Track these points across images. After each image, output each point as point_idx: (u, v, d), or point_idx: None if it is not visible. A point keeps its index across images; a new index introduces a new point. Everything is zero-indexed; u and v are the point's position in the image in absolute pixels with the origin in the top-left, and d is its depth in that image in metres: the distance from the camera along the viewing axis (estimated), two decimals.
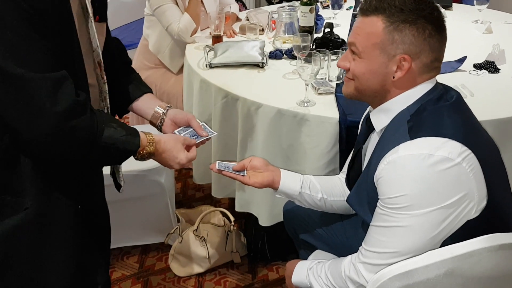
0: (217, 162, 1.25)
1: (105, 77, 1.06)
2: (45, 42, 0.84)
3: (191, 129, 1.22)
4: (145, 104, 1.23)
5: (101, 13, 1.03)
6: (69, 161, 0.96)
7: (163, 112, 1.22)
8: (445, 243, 0.95)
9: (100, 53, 1.02)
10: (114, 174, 1.23)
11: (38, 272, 0.99)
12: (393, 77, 1.01)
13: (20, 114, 0.84)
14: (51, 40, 0.85)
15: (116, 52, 1.20)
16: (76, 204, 1.03)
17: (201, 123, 1.23)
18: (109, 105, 1.10)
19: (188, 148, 1.16)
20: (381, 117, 1.06)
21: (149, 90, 1.25)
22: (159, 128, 1.24)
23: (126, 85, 1.20)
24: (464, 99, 1.55)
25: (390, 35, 0.99)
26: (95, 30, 0.99)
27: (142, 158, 1.05)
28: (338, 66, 1.12)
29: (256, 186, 1.26)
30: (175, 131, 1.22)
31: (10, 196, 0.92)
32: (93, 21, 0.97)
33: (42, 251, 0.98)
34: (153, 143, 1.05)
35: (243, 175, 1.24)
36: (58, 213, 0.99)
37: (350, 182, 1.23)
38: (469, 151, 0.93)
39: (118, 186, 1.25)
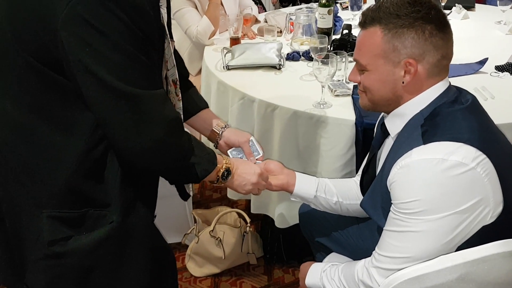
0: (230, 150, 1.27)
1: (180, 95, 1.09)
2: (149, 62, 0.87)
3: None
4: (203, 121, 1.28)
5: (170, 31, 1.06)
6: (161, 174, 1.00)
7: (220, 133, 1.27)
8: (460, 248, 0.94)
9: (176, 72, 1.06)
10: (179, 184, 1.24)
11: (118, 281, 1.00)
12: (403, 82, 1.01)
13: (130, 126, 0.87)
14: (152, 61, 0.89)
15: (179, 67, 1.23)
16: (152, 215, 1.07)
17: (251, 142, 1.26)
18: (182, 120, 1.13)
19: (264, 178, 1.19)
20: (396, 122, 1.06)
21: (206, 106, 1.30)
22: (215, 146, 1.29)
23: (185, 99, 1.21)
24: (485, 101, 1.55)
25: (390, 43, 0.99)
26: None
27: (217, 181, 1.08)
28: (349, 80, 1.14)
29: (270, 189, 1.27)
30: (228, 151, 1.26)
31: (94, 209, 0.94)
32: (170, 41, 1.01)
33: (123, 262, 1.00)
34: (228, 165, 1.09)
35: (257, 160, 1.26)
36: (139, 225, 1.01)
37: (364, 187, 1.22)
38: (484, 156, 0.92)
39: (185, 196, 1.24)
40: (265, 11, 3.00)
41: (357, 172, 1.46)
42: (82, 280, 0.96)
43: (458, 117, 0.97)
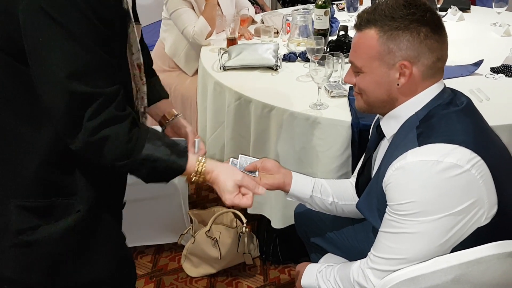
0: (231, 159, 1.25)
1: (144, 79, 1.10)
2: (106, 57, 0.87)
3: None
4: (159, 108, 1.28)
5: (135, 14, 1.07)
6: (116, 170, 0.99)
7: (171, 119, 1.28)
8: (455, 250, 0.94)
9: (141, 56, 1.06)
10: None
11: (86, 270, 1.03)
12: (398, 85, 1.01)
13: (67, 123, 0.87)
14: (112, 51, 0.89)
15: (143, 54, 1.24)
16: (120, 204, 1.08)
17: (196, 139, 1.23)
18: (146, 105, 1.13)
19: (244, 191, 1.09)
20: (391, 124, 1.06)
21: (167, 96, 1.31)
22: (163, 131, 1.29)
23: (148, 87, 1.21)
24: (480, 103, 1.56)
25: (385, 45, 0.99)
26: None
27: (197, 182, 1.03)
28: (345, 82, 1.14)
29: (266, 187, 1.26)
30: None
31: (61, 198, 0.96)
32: (134, 25, 1.00)
33: (90, 250, 1.02)
34: (202, 172, 1.02)
35: (254, 176, 1.25)
36: (107, 212, 1.03)
37: (359, 188, 1.23)
38: (479, 157, 0.92)
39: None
40: (263, 11, 3.00)
41: (352, 173, 1.46)
42: (50, 268, 0.99)
43: (453, 119, 0.98)
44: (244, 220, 1.94)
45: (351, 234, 1.41)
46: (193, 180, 1.04)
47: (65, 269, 1.01)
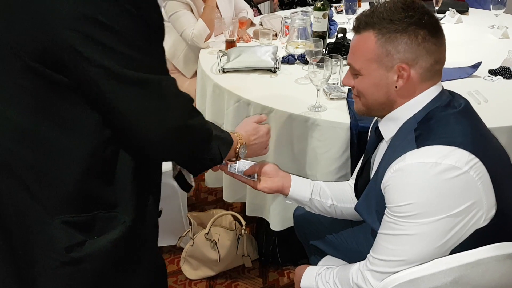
0: (229, 163, 1.25)
1: None
2: (159, 51, 0.87)
3: None
4: None
5: None
6: (184, 161, 1.00)
7: None
8: (454, 252, 0.94)
9: None
10: (179, 176, 1.22)
11: (130, 277, 0.99)
12: (396, 87, 1.02)
13: (150, 115, 0.85)
14: (161, 48, 0.89)
15: None
16: (157, 210, 1.05)
17: None
18: None
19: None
20: (390, 126, 1.06)
21: None
22: None
23: None
24: (478, 105, 1.57)
25: (383, 47, 0.99)
26: None
27: (236, 158, 1.11)
28: (343, 84, 1.14)
29: (265, 191, 1.27)
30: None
31: (104, 211, 0.92)
32: None
33: (135, 261, 0.99)
34: (242, 141, 1.13)
35: (253, 180, 1.25)
36: (149, 221, 1.00)
37: (358, 190, 1.23)
38: (477, 159, 0.92)
39: (187, 187, 1.22)
40: (260, 14, 3.01)
41: (352, 175, 1.46)
42: (96, 283, 0.94)
43: (451, 121, 0.98)
44: (243, 222, 1.94)
45: (350, 236, 1.41)
46: (238, 152, 1.10)
47: (109, 282, 0.96)
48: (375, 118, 1.18)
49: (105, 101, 0.83)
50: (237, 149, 1.11)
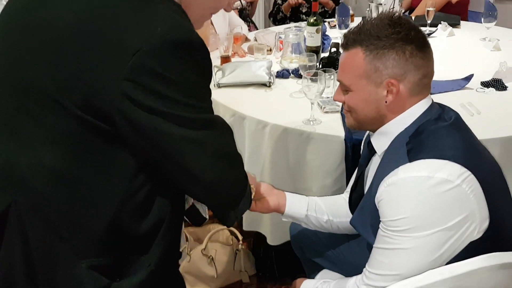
0: None
1: None
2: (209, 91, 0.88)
3: None
4: None
5: None
6: (225, 204, 0.96)
7: None
8: (449, 264, 0.94)
9: None
10: (192, 209, 1.21)
11: None
12: (386, 102, 1.03)
13: (213, 159, 0.85)
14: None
15: None
16: (179, 253, 1.05)
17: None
18: None
19: None
20: (381, 140, 1.07)
21: None
22: None
23: None
24: (471, 117, 1.58)
25: (371, 64, 1.01)
26: None
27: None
28: (334, 100, 1.15)
29: (262, 211, 1.27)
30: None
31: (131, 255, 0.91)
32: None
33: None
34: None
35: None
36: (172, 264, 1.01)
37: (352, 204, 1.23)
38: (469, 172, 0.93)
39: (199, 220, 1.22)
40: (257, 29, 3.04)
41: (347, 188, 1.46)
42: None
43: (442, 134, 0.99)
44: (240, 237, 1.93)
45: (347, 250, 1.40)
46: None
47: None
48: (367, 132, 1.19)
49: (165, 145, 0.81)
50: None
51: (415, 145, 0.98)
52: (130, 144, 0.83)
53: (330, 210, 1.30)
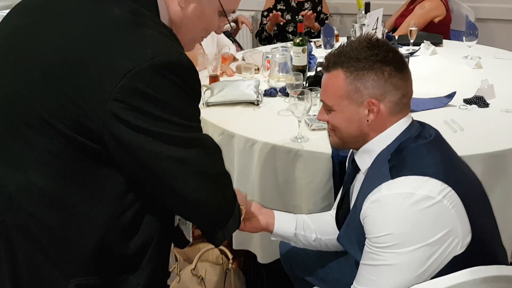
0: None
1: None
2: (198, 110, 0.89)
3: None
4: None
5: None
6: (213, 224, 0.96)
7: None
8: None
9: None
10: (175, 230, 1.19)
11: None
12: (368, 121, 1.06)
13: (203, 178, 0.86)
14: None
15: None
16: (168, 272, 1.05)
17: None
18: None
19: None
20: (364, 158, 1.10)
21: None
22: None
23: None
24: (454, 133, 1.61)
25: (352, 84, 1.04)
26: None
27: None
28: (318, 119, 1.18)
29: (251, 231, 1.28)
30: None
31: (120, 274, 0.91)
32: None
33: None
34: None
35: None
36: (161, 282, 1.01)
37: (339, 222, 1.25)
38: (450, 188, 0.95)
39: (182, 243, 1.20)
40: (242, 49, 3.08)
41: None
42: None
43: (422, 152, 1.01)
44: (230, 256, 1.92)
45: (336, 267, 1.41)
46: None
47: None
48: (351, 150, 1.21)
49: (153, 164, 0.81)
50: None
51: (397, 162, 1.00)
52: (119, 163, 0.83)
53: (318, 228, 1.31)
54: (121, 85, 0.75)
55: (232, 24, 3.05)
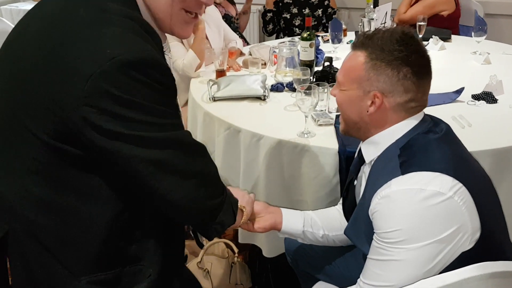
0: None
1: None
2: (176, 113, 0.88)
3: None
4: None
5: None
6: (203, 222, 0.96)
7: None
8: None
9: None
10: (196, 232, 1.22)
11: None
12: (367, 111, 1.05)
13: (180, 178, 0.86)
14: (177, 110, 0.90)
15: None
16: (183, 257, 1.06)
17: None
18: None
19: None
20: (370, 150, 1.09)
21: None
22: None
23: None
24: (462, 129, 1.60)
25: (366, 72, 1.03)
26: None
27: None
28: (331, 94, 1.18)
29: (260, 231, 1.27)
30: None
31: (129, 266, 0.92)
32: None
33: None
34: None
35: (246, 223, 1.24)
36: (173, 272, 1.00)
37: (346, 212, 1.25)
38: (460, 184, 0.94)
39: (199, 243, 1.27)
40: (248, 44, 3.08)
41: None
42: None
43: (432, 147, 1.00)
44: (236, 250, 1.93)
45: (342, 262, 1.41)
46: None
47: None
48: (360, 143, 1.20)
49: (129, 167, 0.82)
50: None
51: (407, 157, 0.99)
52: (103, 167, 0.84)
53: (325, 225, 1.31)
54: (87, 89, 0.76)
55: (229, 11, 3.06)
